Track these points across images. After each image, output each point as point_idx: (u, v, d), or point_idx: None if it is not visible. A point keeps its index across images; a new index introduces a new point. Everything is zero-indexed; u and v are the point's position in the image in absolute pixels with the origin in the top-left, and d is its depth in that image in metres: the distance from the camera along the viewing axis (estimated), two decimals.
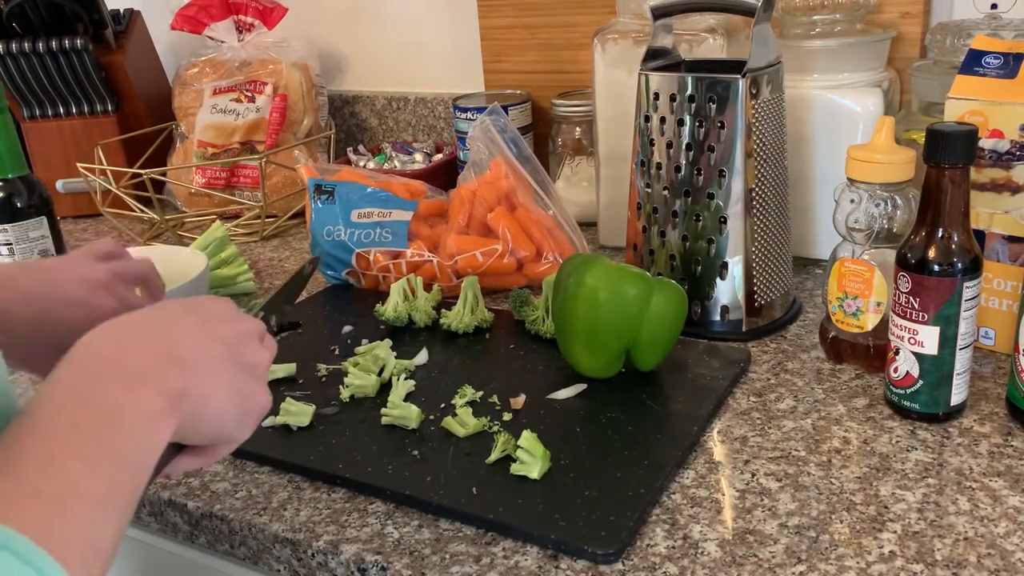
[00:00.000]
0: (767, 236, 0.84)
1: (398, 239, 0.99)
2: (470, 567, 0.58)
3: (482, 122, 1.02)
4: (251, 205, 1.29)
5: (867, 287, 0.74)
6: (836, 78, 0.95)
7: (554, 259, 0.98)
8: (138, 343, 0.45)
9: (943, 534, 0.57)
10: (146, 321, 0.47)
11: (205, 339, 0.48)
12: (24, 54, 1.32)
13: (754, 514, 0.60)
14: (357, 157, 1.38)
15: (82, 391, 0.41)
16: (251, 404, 0.50)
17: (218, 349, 0.48)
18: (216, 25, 1.37)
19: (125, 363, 0.43)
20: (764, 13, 0.80)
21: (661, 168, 0.85)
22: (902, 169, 0.72)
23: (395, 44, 1.48)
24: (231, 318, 0.51)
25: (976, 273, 0.66)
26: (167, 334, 0.46)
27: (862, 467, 0.65)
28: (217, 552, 0.69)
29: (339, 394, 0.78)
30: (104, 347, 0.44)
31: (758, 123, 0.81)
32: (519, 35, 1.29)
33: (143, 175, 1.22)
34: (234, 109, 1.34)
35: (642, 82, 0.86)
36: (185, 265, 0.96)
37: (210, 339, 0.48)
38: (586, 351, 0.76)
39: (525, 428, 0.68)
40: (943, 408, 0.69)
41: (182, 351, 0.46)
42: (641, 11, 0.99)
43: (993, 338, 0.79)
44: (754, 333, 0.85)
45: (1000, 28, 0.87)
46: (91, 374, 0.42)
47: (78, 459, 0.38)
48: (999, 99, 0.74)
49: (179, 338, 0.46)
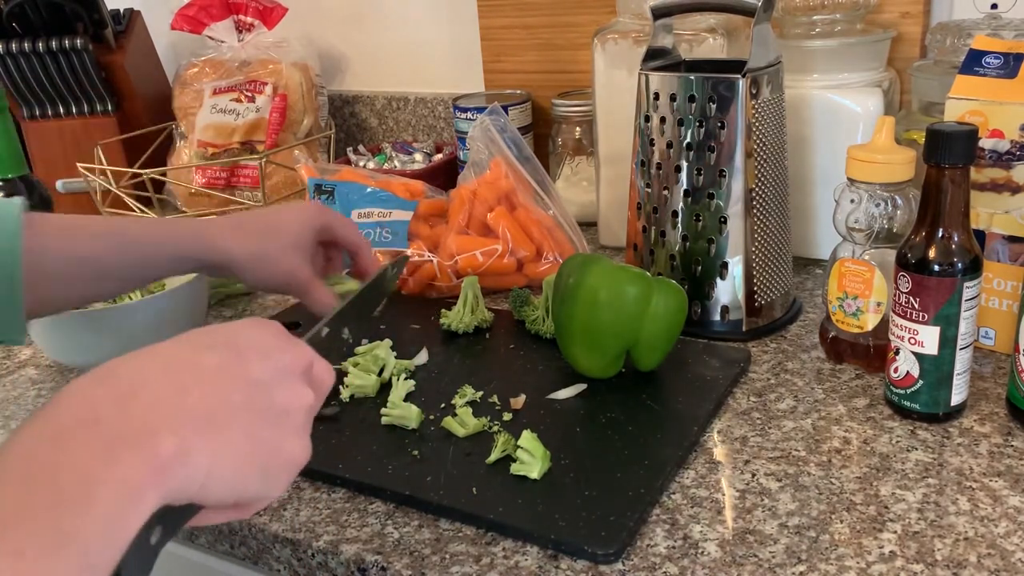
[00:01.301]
0: (767, 236, 0.84)
1: (398, 239, 0.99)
2: (470, 567, 0.58)
3: (482, 122, 1.02)
4: (251, 205, 1.29)
5: (867, 287, 0.74)
6: (836, 78, 0.95)
7: (554, 259, 0.98)
8: (133, 394, 0.37)
9: (943, 534, 0.57)
10: (155, 362, 0.40)
11: (224, 384, 0.40)
12: (24, 54, 1.32)
13: (754, 514, 0.60)
14: (357, 157, 1.38)
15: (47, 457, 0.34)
16: (277, 458, 0.41)
17: (238, 396, 0.40)
18: (216, 25, 1.37)
19: (107, 422, 0.35)
20: (764, 13, 0.80)
21: (661, 168, 0.85)
22: (902, 169, 0.72)
23: (395, 44, 1.48)
24: (269, 350, 0.43)
25: (976, 273, 0.66)
26: (175, 380, 0.39)
27: (862, 467, 0.65)
28: (217, 552, 0.69)
29: (339, 394, 0.78)
30: (90, 397, 0.37)
31: (758, 123, 0.81)
32: (519, 35, 1.29)
33: (143, 175, 1.22)
34: (234, 109, 1.34)
35: (642, 82, 0.86)
36: None
37: (231, 384, 0.40)
38: (586, 351, 0.76)
39: (525, 428, 0.68)
40: (943, 408, 0.69)
41: (190, 402, 0.38)
42: (641, 11, 0.98)
43: (993, 338, 0.79)
44: (754, 333, 0.85)
45: (1000, 28, 0.87)
46: (62, 434, 0.35)
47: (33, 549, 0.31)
48: (999, 99, 0.74)
49: (192, 386, 0.39)
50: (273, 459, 0.41)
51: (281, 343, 0.44)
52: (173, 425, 0.37)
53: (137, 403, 0.37)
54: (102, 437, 0.35)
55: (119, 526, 0.34)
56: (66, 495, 0.32)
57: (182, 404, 0.38)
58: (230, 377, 0.41)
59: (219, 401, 0.39)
